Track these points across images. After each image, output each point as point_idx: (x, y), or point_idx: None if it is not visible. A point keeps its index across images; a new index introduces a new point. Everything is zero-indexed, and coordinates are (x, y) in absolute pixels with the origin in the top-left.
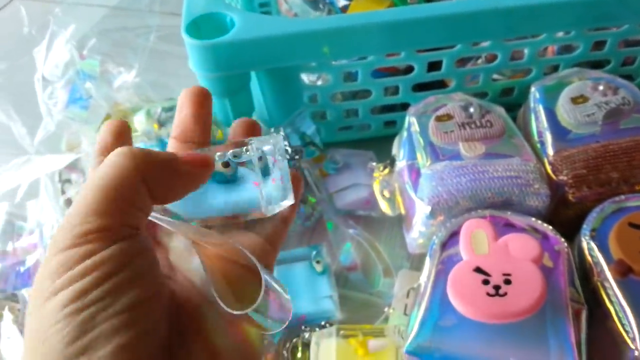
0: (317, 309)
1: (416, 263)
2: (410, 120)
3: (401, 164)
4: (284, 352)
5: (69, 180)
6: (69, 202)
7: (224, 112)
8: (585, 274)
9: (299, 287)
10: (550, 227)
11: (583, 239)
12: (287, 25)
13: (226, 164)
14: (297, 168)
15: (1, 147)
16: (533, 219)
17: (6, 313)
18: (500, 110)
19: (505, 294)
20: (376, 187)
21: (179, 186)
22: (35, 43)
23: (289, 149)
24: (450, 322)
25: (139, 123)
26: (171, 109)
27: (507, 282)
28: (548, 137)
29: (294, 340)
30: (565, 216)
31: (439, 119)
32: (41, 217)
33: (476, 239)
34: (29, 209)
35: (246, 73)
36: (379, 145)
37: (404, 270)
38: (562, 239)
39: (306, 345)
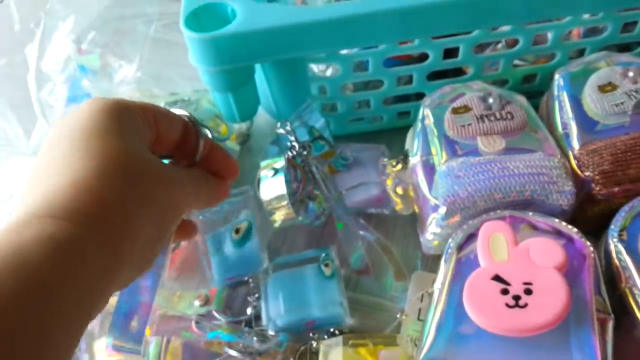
0: (326, 315)
1: (431, 264)
2: (425, 113)
3: (415, 159)
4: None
5: None
6: None
7: (228, 107)
8: (611, 279)
9: (307, 291)
10: (576, 230)
11: (610, 241)
12: (291, 14)
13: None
14: (305, 165)
15: None
16: (557, 220)
17: None
18: (522, 100)
19: (526, 305)
20: (389, 184)
21: None
22: (33, 39)
23: (296, 145)
24: (467, 333)
25: None
26: (175, 103)
27: (528, 292)
28: (573, 129)
29: (302, 348)
30: (590, 213)
31: (455, 111)
32: None
33: (495, 243)
34: None
35: (250, 66)
36: (392, 137)
37: (418, 273)
38: (589, 243)
39: (314, 354)
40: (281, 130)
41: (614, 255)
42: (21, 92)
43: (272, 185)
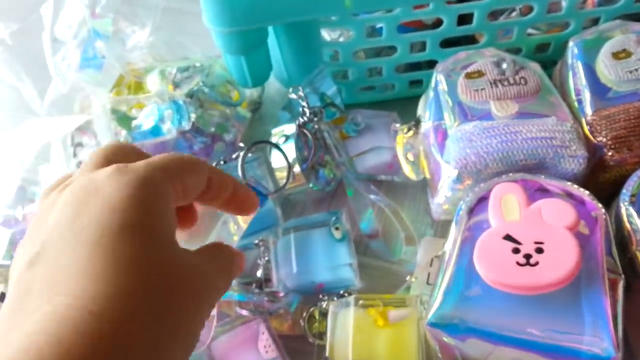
0: (336, 278)
1: (441, 230)
2: (438, 78)
3: (427, 125)
4: (301, 322)
5: (80, 144)
6: (80, 165)
7: (240, 71)
8: (622, 242)
9: (316, 254)
10: (587, 192)
11: (622, 205)
12: None
13: None
14: (316, 130)
15: (11, 110)
16: (568, 183)
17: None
18: (536, 66)
19: (537, 263)
20: (400, 150)
21: None
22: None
23: (307, 110)
24: (477, 293)
25: (152, 84)
26: (187, 69)
27: (539, 250)
28: (586, 96)
29: (311, 309)
30: (602, 180)
31: (468, 75)
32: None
33: (506, 204)
34: (42, 173)
35: (263, 28)
36: (404, 107)
37: (428, 238)
38: (600, 205)
39: (323, 315)
40: (293, 95)
41: (625, 218)
42: (34, 54)
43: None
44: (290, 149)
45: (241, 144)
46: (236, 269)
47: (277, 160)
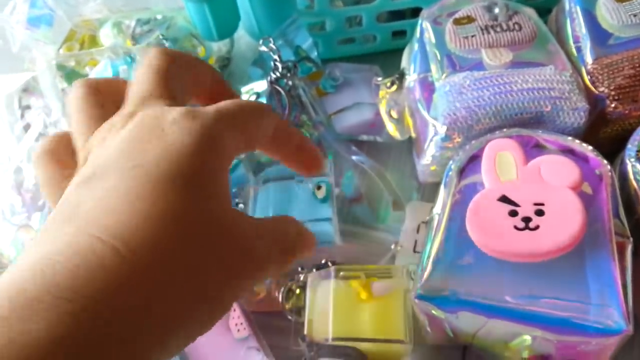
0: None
1: (428, 194)
2: (424, 26)
3: (412, 78)
4: (277, 295)
5: (28, 106)
6: (28, 127)
7: (204, 21)
8: (628, 202)
9: (295, 207)
10: (591, 148)
11: (627, 161)
12: None
13: None
14: (290, 87)
15: None
16: (569, 138)
17: None
18: (531, 11)
19: (537, 227)
20: (382, 106)
21: None
22: None
23: (280, 65)
24: (469, 261)
25: (105, 37)
26: (148, 22)
27: (539, 213)
28: (586, 43)
29: (289, 283)
30: (602, 135)
31: (457, 22)
32: None
33: (501, 162)
34: None
35: None
36: (386, 60)
37: (414, 202)
38: (605, 161)
39: (302, 288)
40: (264, 48)
41: (631, 176)
42: None
43: None
44: None
45: None
46: (298, 252)
47: None
